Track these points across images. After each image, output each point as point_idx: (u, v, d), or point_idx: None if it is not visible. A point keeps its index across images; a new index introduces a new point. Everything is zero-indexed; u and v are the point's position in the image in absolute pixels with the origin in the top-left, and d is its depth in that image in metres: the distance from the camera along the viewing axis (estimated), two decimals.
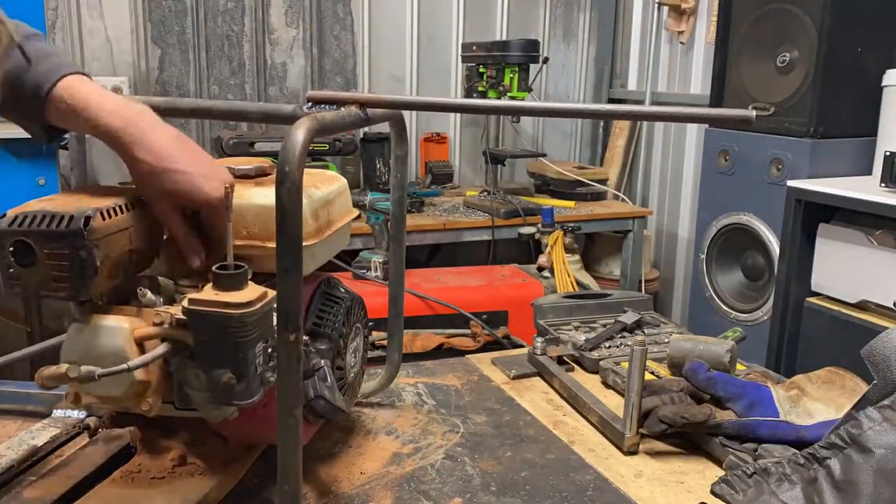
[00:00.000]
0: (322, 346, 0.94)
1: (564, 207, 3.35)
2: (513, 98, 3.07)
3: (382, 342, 1.41)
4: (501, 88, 3.09)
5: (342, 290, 1.01)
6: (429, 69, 3.81)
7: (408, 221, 1.17)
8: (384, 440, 1.10)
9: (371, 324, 1.11)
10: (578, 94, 4.24)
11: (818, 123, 2.48)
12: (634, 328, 1.45)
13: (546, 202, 3.36)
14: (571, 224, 2.98)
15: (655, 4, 3.71)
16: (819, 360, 1.26)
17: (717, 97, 2.88)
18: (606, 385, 1.29)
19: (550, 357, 1.34)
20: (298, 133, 0.68)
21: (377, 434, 1.12)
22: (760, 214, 2.69)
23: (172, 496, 0.88)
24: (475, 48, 3.23)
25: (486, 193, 3.27)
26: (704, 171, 2.96)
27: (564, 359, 1.36)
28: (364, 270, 2.55)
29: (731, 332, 1.35)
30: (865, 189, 2.22)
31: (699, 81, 3.61)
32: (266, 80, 3.51)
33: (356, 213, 1.07)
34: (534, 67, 3.10)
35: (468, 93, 3.29)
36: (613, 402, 1.17)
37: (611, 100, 4.19)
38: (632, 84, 4.09)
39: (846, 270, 2.30)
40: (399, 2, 3.69)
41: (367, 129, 3.30)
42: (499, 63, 3.10)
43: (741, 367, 1.30)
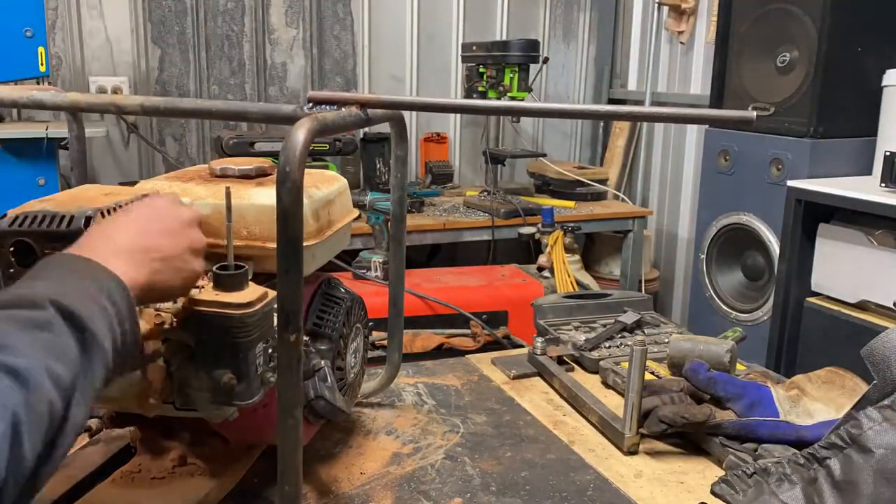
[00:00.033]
0: (322, 347, 0.94)
1: (564, 207, 3.35)
2: (513, 98, 3.07)
3: (382, 342, 1.42)
4: (501, 88, 3.09)
5: (342, 291, 1.01)
6: (429, 69, 3.81)
7: (408, 221, 1.17)
8: (384, 440, 1.10)
9: (371, 324, 1.11)
10: (578, 95, 4.24)
11: (818, 123, 2.48)
12: (634, 328, 1.45)
13: (546, 202, 3.36)
14: (571, 224, 2.97)
15: (655, 4, 3.71)
16: (819, 360, 1.26)
17: (717, 97, 2.88)
18: (606, 385, 1.29)
19: (550, 357, 1.34)
20: (299, 133, 0.68)
21: (377, 434, 1.12)
22: (760, 214, 2.68)
23: (172, 496, 0.88)
24: (475, 48, 3.23)
25: (486, 193, 3.27)
26: (704, 171, 2.96)
27: (564, 359, 1.36)
28: (364, 270, 2.55)
29: (731, 332, 1.35)
30: (865, 189, 2.22)
31: (699, 81, 3.60)
32: (266, 80, 3.51)
33: (356, 214, 1.07)
34: (534, 67, 3.10)
35: (468, 93, 3.29)
36: (613, 402, 1.18)
37: (611, 100, 4.18)
38: (632, 84, 4.09)
39: (846, 270, 2.30)
40: (399, 2, 3.69)
41: (367, 129, 3.30)
42: (499, 63, 3.10)
43: (741, 367, 1.30)
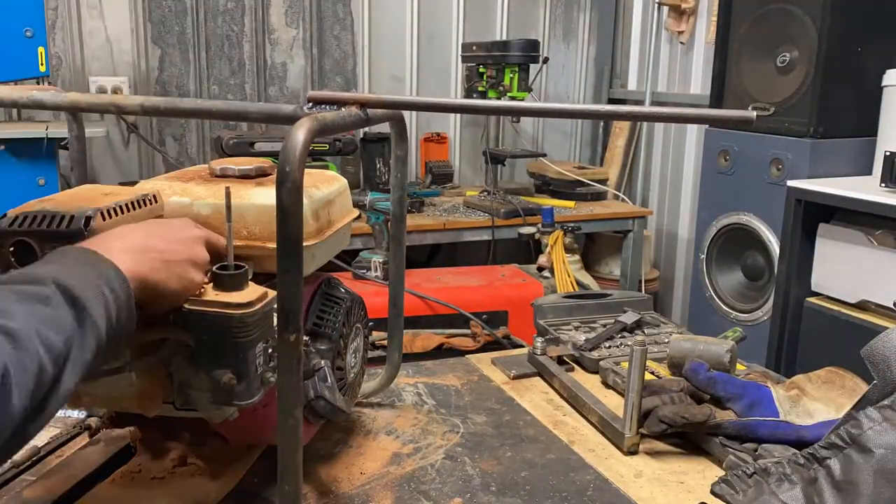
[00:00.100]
0: (322, 347, 0.94)
1: (564, 207, 3.35)
2: (513, 98, 3.07)
3: (382, 342, 1.41)
4: (501, 88, 3.09)
5: (342, 291, 1.01)
6: (429, 69, 3.81)
7: (408, 221, 1.17)
8: (384, 440, 1.10)
9: (371, 324, 1.11)
10: (578, 94, 4.24)
11: (818, 123, 2.48)
12: (634, 328, 1.45)
13: (546, 202, 3.36)
14: (571, 224, 2.97)
15: (655, 4, 3.71)
16: (819, 360, 1.26)
17: (717, 97, 2.88)
18: (606, 385, 1.29)
19: (550, 357, 1.34)
20: (299, 133, 0.68)
21: (377, 434, 1.12)
22: (760, 214, 2.69)
23: (172, 496, 0.89)
24: (475, 48, 3.23)
25: (486, 193, 3.27)
26: (704, 171, 2.96)
27: (564, 359, 1.36)
28: (364, 270, 2.55)
29: (731, 332, 1.35)
30: (865, 189, 2.22)
31: (699, 81, 3.61)
32: (266, 80, 3.51)
33: (356, 214, 1.07)
34: (534, 67, 3.10)
35: (468, 93, 3.29)
36: (613, 402, 1.18)
37: (611, 100, 4.19)
38: (632, 84, 4.09)
39: (846, 270, 2.30)
40: (399, 2, 3.69)
41: (367, 129, 3.30)
42: (499, 63, 3.10)
43: (741, 367, 1.30)
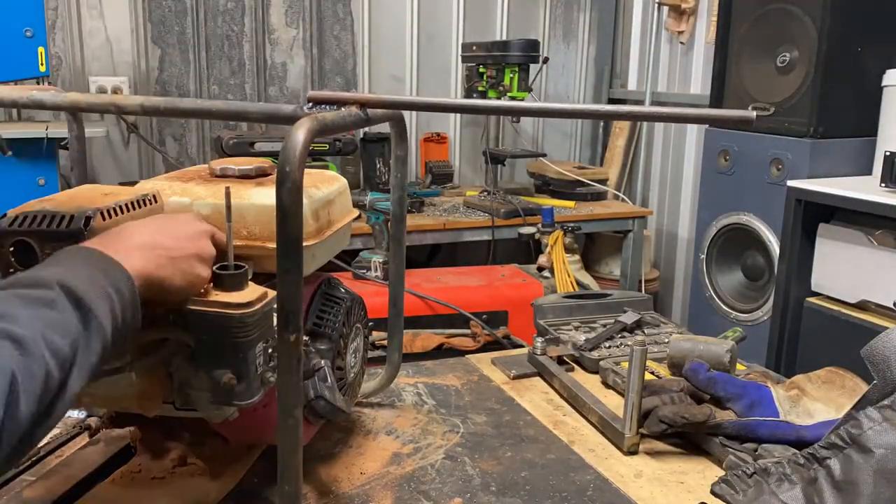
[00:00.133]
0: (322, 347, 0.94)
1: (564, 207, 3.35)
2: (513, 98, 3.07)
3: (382, 342, 1.41)
4: (501, 88, 3.09)
5: (342, 291, 1.01)
6: (429, 69, 3.81)
7: (408, 221, 1.17)
8: (384, 440, 1.10)
9: (371, 324, 1.11)
10: (578, 94, 4.24)
11: (818, 123, 2.48)
12: (634, 328, 1.45)
13: (546, 202, 3.36)
14: (571, 224, 2.97)
15: (655, 4, 3.71)
16: (819, 360, 1.26)
17: (717, 97, 2.88)
18: (606, 385, 1.29)
19: (550, 357, 1.34)
20: (299, 133, 0.68)
21: (377, 434, 1.12)
22: (760, 214, 2.68)
23: (172, 496, 0.89)
24: (475, 48, 3.23)
25: (486, 193, 3.27)
26: (704, 171, 2.96)
27: (564, 359, 1.36)
28: (364, 270, 2.55)
29: (731, 332, 1.35)
30: (865, 189, 2.22)
31: (699, 81, 3.61)
32: (266, 80, 3.51)
33: (356, 214, 1.07)
34: (534, 67, 3.10)
35: (468, 93, 3.29)
36: (613, 402, 1.18)
37: (611, 100, 4.19)
38: (632, 84, 4.09)
39: (846, 270, 2.30)
40: (399, 2, 3.69)
41: (367, 129, 3.30)
42: (499, 63, 3.10)
43: (741, 367, 1.30)
